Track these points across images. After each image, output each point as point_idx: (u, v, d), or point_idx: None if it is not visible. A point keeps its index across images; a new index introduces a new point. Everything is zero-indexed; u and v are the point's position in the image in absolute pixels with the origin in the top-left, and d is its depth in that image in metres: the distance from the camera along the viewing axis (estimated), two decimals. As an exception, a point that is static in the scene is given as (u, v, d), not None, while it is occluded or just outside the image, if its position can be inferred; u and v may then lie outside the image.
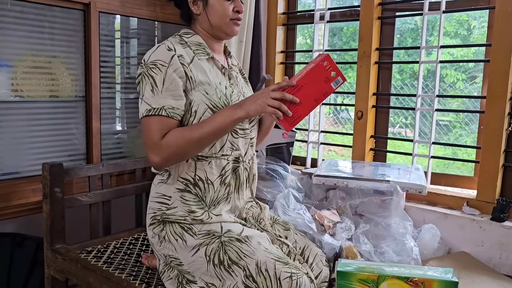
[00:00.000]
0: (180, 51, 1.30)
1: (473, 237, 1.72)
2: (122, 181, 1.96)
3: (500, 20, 1.69)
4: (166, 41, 1.32)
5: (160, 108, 1.24)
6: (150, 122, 1.25)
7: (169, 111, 1.25)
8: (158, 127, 1.25)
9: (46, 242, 1.63)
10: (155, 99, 1.25)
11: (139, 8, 1.97)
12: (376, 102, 2.11)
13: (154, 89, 1.25)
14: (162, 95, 1.25)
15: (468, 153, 2.30)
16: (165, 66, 1.26)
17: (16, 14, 1.66)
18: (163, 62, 1.26)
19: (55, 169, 1.59)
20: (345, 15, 2.22)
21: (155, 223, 1.35)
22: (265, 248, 1.27)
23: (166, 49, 1.28)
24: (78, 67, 1.85)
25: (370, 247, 1.63)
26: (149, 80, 1.26)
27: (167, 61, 1.26)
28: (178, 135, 1.24)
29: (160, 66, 1.26)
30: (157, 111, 1.24)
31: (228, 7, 1.34)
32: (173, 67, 1.26)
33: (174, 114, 1.26)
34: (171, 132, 1.25)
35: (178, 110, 1.27)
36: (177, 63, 1.27)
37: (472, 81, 2.56)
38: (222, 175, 1.35)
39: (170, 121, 1.26)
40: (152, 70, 1.26)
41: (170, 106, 1.26)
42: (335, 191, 1.83)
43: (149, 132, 1.25)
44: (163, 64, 1.26)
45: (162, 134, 1.25)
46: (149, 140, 1.25)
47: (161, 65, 1.26)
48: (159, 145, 1.24)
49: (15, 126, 1.71)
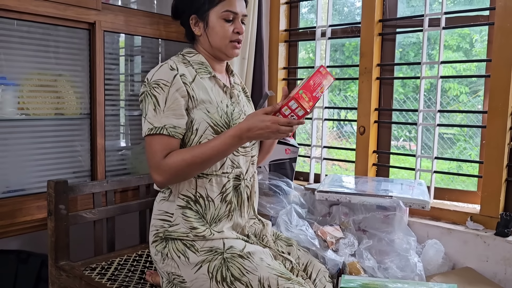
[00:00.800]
0: (183, 70, 1.32)
1: (478, 252, 1.71)
2: (126, 197, 1.97)
3: (499, 36, 1.70)
4: (169, 60, 1.34)
5: (161, 127, 1.26)
6: (152, 141, 1.27)
7: (170, 130, 1.27)
8: (160, 147, 1.27)
9: (51, 259, 1.64)
10: (157, 118, 1.27)
11: (143, 26, 2.01)
12: (378, 117, 2.12)
13: (157, 108, 1.27)
14: (164, 114, 1.27)
15: (473, 167, 2.29)
16: (168, 86, 1.28)
17: (23, 34, 1.70)
18: (165, 82, 1.28)
19: (60, 186, 1.61)
20: (346, 32, 2.24)
21: (158, 241, 1.35)
22: (268, 264, 1.27)
23: (169, 69, 1.30)
24: (83, 85, 1.88)
25: (374, 262, 1.63)
26: (152, 99, 1.28)
27: (169, 81, 1.28)
28: (179, 158, 1.26)
29: (163, 86, 1.28)
30: (159, 130, 1.26)
31: (228, 29, 1.35)
32: (175, 87, 1.28)
33: (176, 133, 1.28)
34: (174, 154, 1.27)
35: (180, 129, 1.29)
36: (180, 83, 1.29)
37: (475, 94, 2.56)
38: (222, 192, 1.35)
39: (171, 140, 1.28)
40: (155, 89, 1.28)
41: (171, 125, 1.27)
42: (338, 206, 1.83)
43: (152, 152, 1.27)
44: (165, 83, 1.28)
45: (164, 154, 1.27)
46: (152, 160, 1.27)
47: (163, 84, 1.28)
48: (161, 165, 1.26)
49: (21, 143, 1.73)
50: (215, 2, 1.34)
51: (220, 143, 1.25)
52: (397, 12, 2.07)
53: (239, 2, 1.37)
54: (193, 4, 1.37)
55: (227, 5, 1.34)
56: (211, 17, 1.35)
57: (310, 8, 2.66)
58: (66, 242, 1.64)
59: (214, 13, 1.34)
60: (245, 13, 1.39)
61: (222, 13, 1.34)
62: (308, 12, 2.69)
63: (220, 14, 1.34)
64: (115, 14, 1.89)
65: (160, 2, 2.21)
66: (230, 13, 1.34)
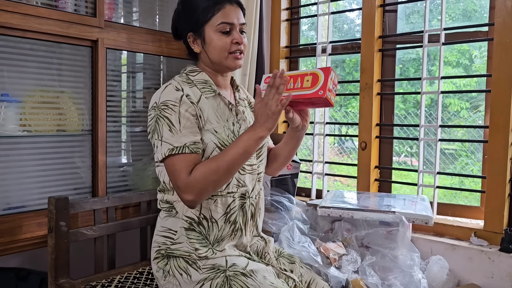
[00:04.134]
0: (187, 91, 1.30)
1: (482, 268, 1.69)
2: (127, 214, 1.96)
3: (499, 51, 1.71)
4: (173, 81, 1.32)
5: (182, 147, 1.23)
6: (175, 162, 1.23)
7: (192, 148, 1.24)
8: (183, 165, 1.22)
9: (51, 276, 1.62)
10: (176, 138, 1.24)
11: (145, 43, 2.02)
12: (380, 133, 2.12)
13: (172, 129, 1.24)
14: (182, 133, 1.24)
15: (475, 182, 2.28)
16: (177, 105, 1.26)
17: (26, 51, 1.71)
18: (173, 102, 1.26)
19: (60, 203, 1.60)
20: (346, 48, 2.26)
21: (160, 257, 1.34)
22: (271, 283, 1.25)
23: (174, 89, 1.28)
24: (85, 102, 1.89)
25: (377, 279, 1.61)
26: (165, 120, 1.25)
27: (177, 101, 1.26)
28: (205, 169, 1.22)
29: (172, 106, 1.26)
30: (180, 150, 1.23)
31: (226, 41, 1.31)
32: (184, 106, 1.26)
33: (197, 149, 1.25)
34: (197, 168, 1.23)
35: (199, 144, 1.27)
36: (188, 102, 1.27)
37: (476, 109, 2.57)
38: (227, 213, 1.34)
39: (194, 156, 1.25)
40: (165, 111, 1.26)
41: (191, 142, 1.25)
42: (341, 222, 1.82)
43: (176, 172, 1.23)
44: (174, 104, 1.26)
45: (189, 171, 1.22)
46: (178, 180, 1.22)
47: (172, 105, 1.26)
48: (188, 183, 1.21)
49: (22, 160, 1.73)
50: (209, 17, 1.31)
51: (240, 147, 1.23)
52: (397, 28, 2.09)
53: (234, 11, 1.33)
54: (188, 22, 1.35)
55: (221, 17, 1.31)
56: (207, 32, 1.32)
57: (310, 25, 2.69)
58: (66, 260, 1.62)
59: (209, 28, 1.32)
60: (242, 21, 1.35)
61: (217, 26, 1.31)
62: (308, 29, 2.72)
63: (215, 28, 1.31)
64: (117, 32, 1.91)
65: (162, 20, 2.23)
66: (226, 25, 1.31)
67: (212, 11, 1.31)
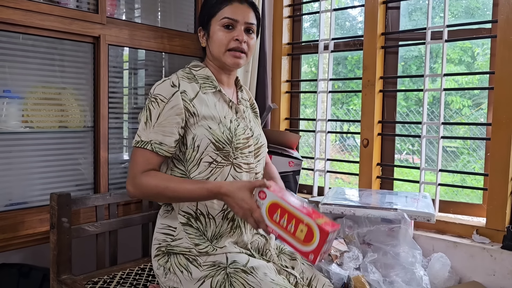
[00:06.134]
0: (185, 87, 1.30)
1: (484, 266, 1.69)
2: (129, 210, 1.96)
3: (502, 48, 1.71)
4: (173, 76, 1.33)
5: (147, 142, 1.27)
6: (137, 153, 1.28)
7: (155, 146, 1.26)
8: (141, 160, 1.27)
9: (52, 272, 1.62)
10: (146, 132, 1.27)
11: (147, 40, 2.02)
12: (382, 130, 2.11)
13: (148, 122, 1.28)
14: (153, 129, 1.27)
15: (477, 180, 2.28)
16: (164, 102, 1.27)
17: (28, 48, 1.71)
18: (163, 98, 1.27)
19: (62, 199, 1.60)
20: (348, 45, 2.25)
21: (160, 255, 1.34)
22: (272, 280, 1.25)
23: (170, 85, 1.29)
24: (87, 98, 1.89)
25: (379, 276, 1.61)
26: (146, 112, 1.29)
27: (167, 97, 1.27)
28: (154, 182, 1.25)
29: (159, 101, 1.27)
30: (144, 145, 1.27)
31: (225, 36, 1.31)
32: (171, 104, 1.27)
33: (160, 150, 1.27)
34: (151, 174, 1.26)
35: (166, 147, 1.28)
36: (178, 100, 1.27)
37: (478, 107, 2.56)
38: (224, 210, 1.34)
39: (155, 156, 1.27)
40: (152, 103, 1.28)
41: (157, 141, 1.27)
42: (342, 219, 1.82)
43: (133, 163, 1.28)
44: (162, 99, 1.27)
45: (143, 169, 1.26)
46: (131, 170, 1.28)
47: (160, 100, 1.27)
48: (136, 179, 1.26)
49: (25, 156, 1.73)
50: (215, 11, 1.33)
51: (195, 189, 1.23)
52: (399, 25, 2.09)
53: (242, 9, 1.33)
54: (200, 17, 1.39)
55: (225, 12, 1.31)
56: (212, 26, 1.34)
57: (312, 22, 2.69)
58: (68, 256, 1.62)
59: (214, 23, 1.33)
60: (249, 21, 1.34)
61: (220, 20, 1.32)
62: (310, 26, 2.71)
63: (219, 22, 1.32)
64: (119, 28, 1.91)
65: (164, 17, 2.23)
66: (229, 20, 1.31)
67: (219, 6, 1.33)
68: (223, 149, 1.31)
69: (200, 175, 1.31)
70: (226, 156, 1.32)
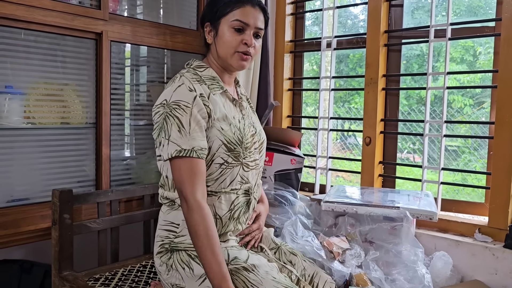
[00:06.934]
0: (200, 90, 1.29)
1: (486, 265, 1.68)
2: (130, 207, 1.96)
3: (506, 46, 1.70)
4: (185, 80, 1.30)
5: (190, 150, 1.23)
6: (181, 165, 1.23)
7: (199, 153, 1.24)
8: (188, 170, 1.22)
9: (54, 269, 1.62)
10: (184, 140, 1.23)
11: (149, 37, 2.01)
12: (384, 128, 2.11)
13: (182, 130, 1.24)
14: (191, 136, 1.24)
15: (478, 179, 2.28)
16: (189, 107, 1.25)
17: (30, 44, 1.70)
18: (186, 103, 1.25)
19: (64, 195, 1.59)
20: (351, 43, 2.25)
21: (163, 252, 1.34)
22: (273, 278, 1.25)
23: (188, 90, 1.27)
24: (89, 95, 1.88)
25: (381, 274, 1.61)
26: (175, 120, 1.24)
27: (190, 102, 1.25)
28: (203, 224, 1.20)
29: (184, 107, 1.25)
30: (188, 153, 1.23)
31: (235, 38, 1.31)
32: (196, 108, 1.26)
33: (203, 155, 1.25)
34: (206, 213, 1.22)
35: (205, 150, 1.27)
36: (200, 104, 1.26)
37: (480, 106, 2.56)
38: (231, 209, 1.34)
39: (199, 163, 1.24)
40: (176, 110, 1.24)
41: (199, 147, 1.24)
42: (344, 217, 1.82)
43: (182, 180, 1.23)
44: (186, 105, 1.25)
45: (194, 184, 1.22)
46: (183, 190, 1.23)
47: (185, 106, 1.25)
48: (191, 202, 1.21)
49: (26, 152, 1.72)
50: (227, 11, 1.32)
51: (213, 265, 1.18)
52: (403, 23, 2.08)
53: (253, 13, 1.32)
54: (209, 12, 1.37)
55: (237, 14, 1.31)
56: (221, 26, 1.33)
57: (314, 20, 2.68)
58: (70, 252, 1.62)
59: (224, 22, 1.32)
60: (259, 26, 1.34)
61: (231, 22, 1.31)
62: (312, 24, 2.71)
63: (230, 23, 1.31)
64: (122, 25, 1.90)
65: (166, 13, 2.22)
66: (240, 23, 1.31)
67: (232, 7, 1.31)
68: (234, 150, 1.31)
69: (211, 176, 1.31)
70: (237, 156, 1.32)
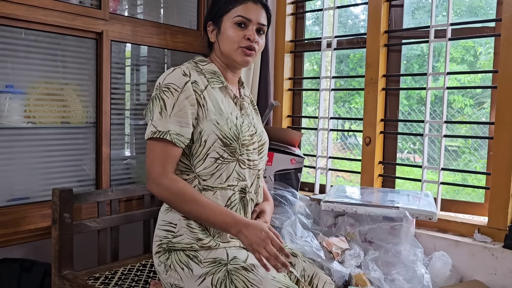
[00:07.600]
0: (195, 77, 1.31)
1: (486, 265, 1.68)
2: (130, 206, 1.96)
3: (506, 46, 1.70)
4: (182, 66, 1.33)
5: (165, 132, 1.25)
6: (154, 147, 1.26)
7: (173, 137, 1.25)
8: (161, 155, 1.25)
9: (54, 268, 1.62)
10: (162, 122, 1.26)
11: (150, 36, 2.02)
12: (384, 128, 2.11)
13: (163, 112, 1.26)
14: (170, 119, 1.26)
15: (478, 179, 2.28)
16: (178, 91, 1.27)
17: (30, 43, 1.71)
18: (176, 87, 1.27)
19: (64, 195, 1.60)
20: (351, 43, 2.25)
21: (161, 252, 1.34)
22: (273, 277, 1.25)
23: (182, 74, 1.29)
24: (89, 94, 1.88)
25: (380, 274, 1.61)
26: (160, 102, 1.27)
27: (180, 86, 1.27)
28: (183, 190, 1.25)
29: (173, 90, 1.27)
30: (162, 135, 1.25)
31: (238, 34, 1.32)
32: (185, 93, 1.27)
33: (178, 141, 1.26)
34: (180, 185, 1.26)
35: (182, 138, 1.27)
36: (190, 90, 1.28)
37: (480, 106, 2.56)
38: (227, 205, 1.34)
39: (174, 149, 1.27)
40: (165, 93, 1.27)
41: (175, 132, 1.26)
42: (344, 217, 1.82)
43: (153, 160, 1.26)
44: (176, 88, 1.27)
45: (165, 164, 1.25)
46: (152, 170, 1.26)
47: (174, 89, 1.27)
48: (161, 181, 1.25)
49: (27, 152, 1.73)
50: (229, 8, 1.33)
51: (219, 213, 1.24)
52: (403, 23, 2.08)
53: (255, 9, 1.34)
54: (212, 11, 1.38)
55: (239, 10, 1.32)
56: (224, 23, 1.34)
57: (315, 20, 2.68)
58: (70, 251, 1.63)
59: (227, 19, 1.34)
60: (261, 22, 1.35)
61: (234, 18, 1.32)
62: (312, 24, 2.71)
63: (232, 20, 1.33)
64: (122, 24, 1.90)
65: (167, 13, 2.22)
66: (243, 19, 1.32)
67: (234, 4, 1.33)
68: (230, 145, 1.31)
69: (206, 170, 1.31)
70: (233, 152, 1.32)
